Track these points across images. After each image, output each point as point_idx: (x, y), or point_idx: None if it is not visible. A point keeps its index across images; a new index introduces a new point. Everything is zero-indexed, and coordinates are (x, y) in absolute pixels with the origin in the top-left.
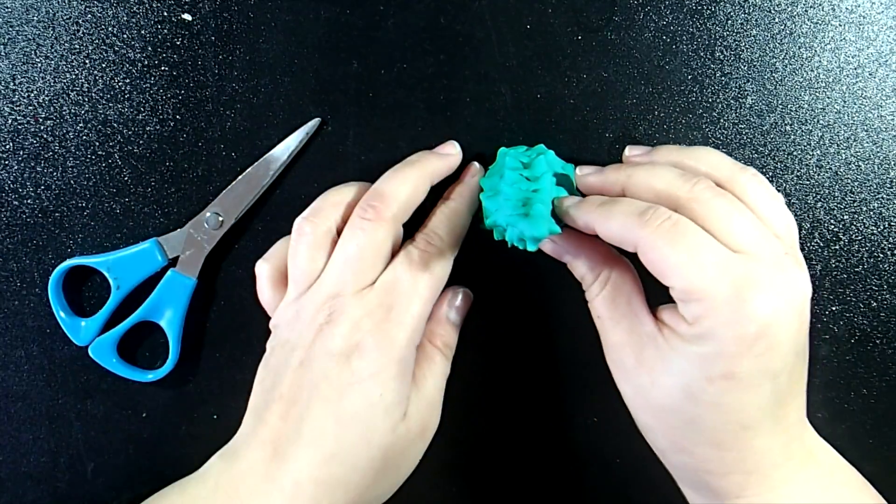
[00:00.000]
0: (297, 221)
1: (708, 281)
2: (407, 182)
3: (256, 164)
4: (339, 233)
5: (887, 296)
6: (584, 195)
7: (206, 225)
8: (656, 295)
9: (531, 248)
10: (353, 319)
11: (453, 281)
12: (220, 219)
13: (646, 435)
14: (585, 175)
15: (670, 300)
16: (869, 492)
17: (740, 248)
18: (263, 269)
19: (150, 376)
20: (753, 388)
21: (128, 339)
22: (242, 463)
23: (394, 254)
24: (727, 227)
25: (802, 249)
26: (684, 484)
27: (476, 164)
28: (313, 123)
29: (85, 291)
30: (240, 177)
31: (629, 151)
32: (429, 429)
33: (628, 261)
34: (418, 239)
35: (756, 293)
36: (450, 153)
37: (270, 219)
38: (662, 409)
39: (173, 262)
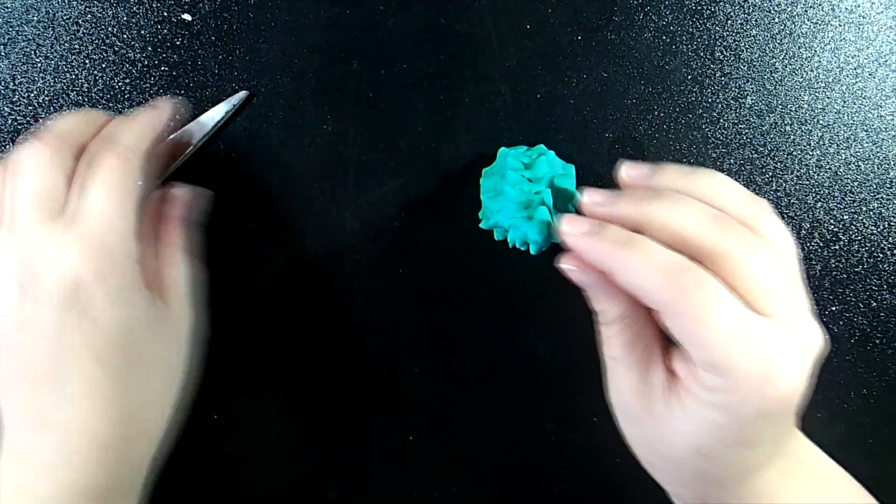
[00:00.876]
0: None
1: (735, 357)
2: (73, 115)
3: (179, 132)
4: None
5: (887, 296)
6: None
7: None
8: None
9: (534, 251)
10: (58, 259)
11: (451, 278)
12: (140, 184)
13: (647, 468)
14: (595, 205)
15: None
16: (861, 494)
17: (767, 311)
18: None
19: None
20: (764, 445)
21: None
22: (10, 455)
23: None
24: (757, 288)
25: (802, 249)
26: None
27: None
28: (240, 96)
29: None
30: (161, 144)
31: (629, 171)
32: (190, 324)
33: None
34: (94, 153)
35: (783, 368)
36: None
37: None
38: (668, 459)
39: None
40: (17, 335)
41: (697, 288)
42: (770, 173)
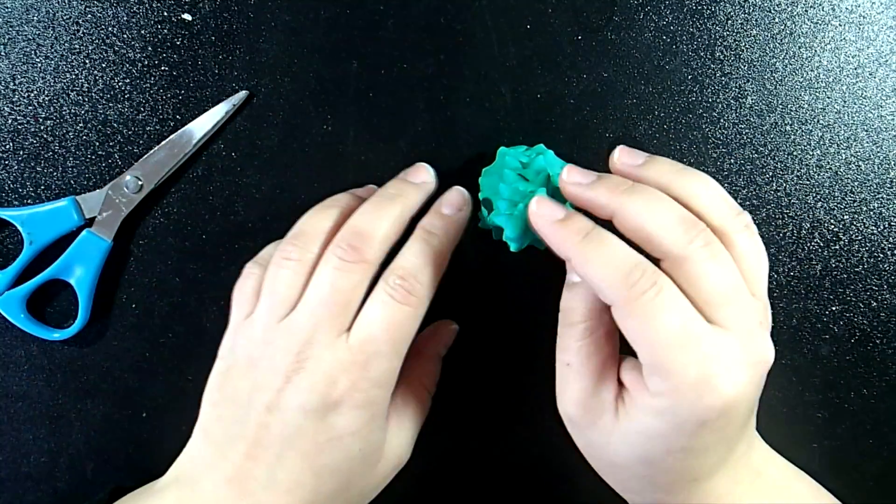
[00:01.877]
0: (283, 245)
1: (677, 361)
2: (387, 219)
3: (179, 132)
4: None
5: (887, 296)
6: None
7: (125, 188)
8: None
9: (513, 248)
10: (327, 374)
11: (451, 278)
12: (140, 183)
13: (598, 471)
14: (572, 184)
15: None
16: (821, 496)
17: (717, 319)
18: (255, 272)
19: (57, 335)
20: (709, 454)
21: (37, 297)
22: (203, 497)
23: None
24: (711, 296)
25: (803, 249)
26: None
27: (464, 193)
28: (240, 96)
29: None
30: (162, 143)
31: (621, 157)
32: (402, 462)
33: None
34: (396, 285)
35: (723, 376)
36: (425, 181)
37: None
38: (615, 465)
39: (90, 223)
40: (265, 415)
41: (649, 288)
42: (770, 173)
